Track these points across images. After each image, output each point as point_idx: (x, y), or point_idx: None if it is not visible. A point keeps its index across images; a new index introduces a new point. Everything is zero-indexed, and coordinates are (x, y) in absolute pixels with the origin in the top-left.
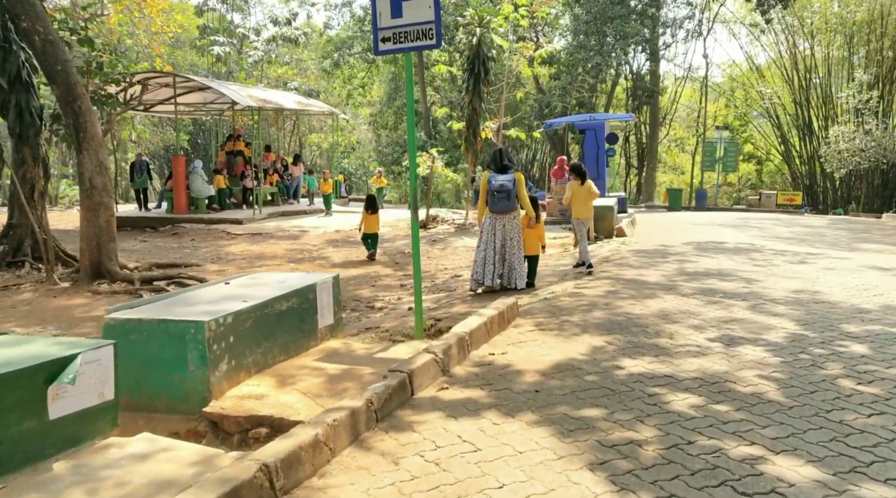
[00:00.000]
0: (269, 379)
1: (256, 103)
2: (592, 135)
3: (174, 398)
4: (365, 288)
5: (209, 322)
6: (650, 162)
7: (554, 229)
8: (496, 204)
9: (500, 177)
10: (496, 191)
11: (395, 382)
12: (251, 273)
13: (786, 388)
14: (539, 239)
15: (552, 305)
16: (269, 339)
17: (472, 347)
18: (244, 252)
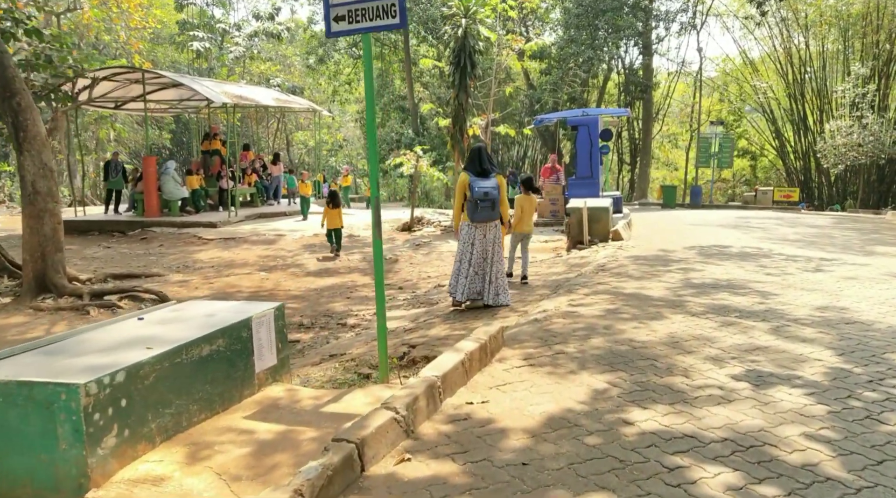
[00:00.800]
0: (178, 450)
1: (231, 100)
2: (585, 131)
3: (42, 487)
4: (339, 301)
5: (87, 385)
6: (644, 158)
7: (545, 232)
8: (479, 213)
9: (483, 183)
10: (480, 199)
11: (338, 459)
12: (175, 305)
13: (844, 455)
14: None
15: (544, 328)
16: (183, 394)
17: (445, 394)
18: (214, 259)
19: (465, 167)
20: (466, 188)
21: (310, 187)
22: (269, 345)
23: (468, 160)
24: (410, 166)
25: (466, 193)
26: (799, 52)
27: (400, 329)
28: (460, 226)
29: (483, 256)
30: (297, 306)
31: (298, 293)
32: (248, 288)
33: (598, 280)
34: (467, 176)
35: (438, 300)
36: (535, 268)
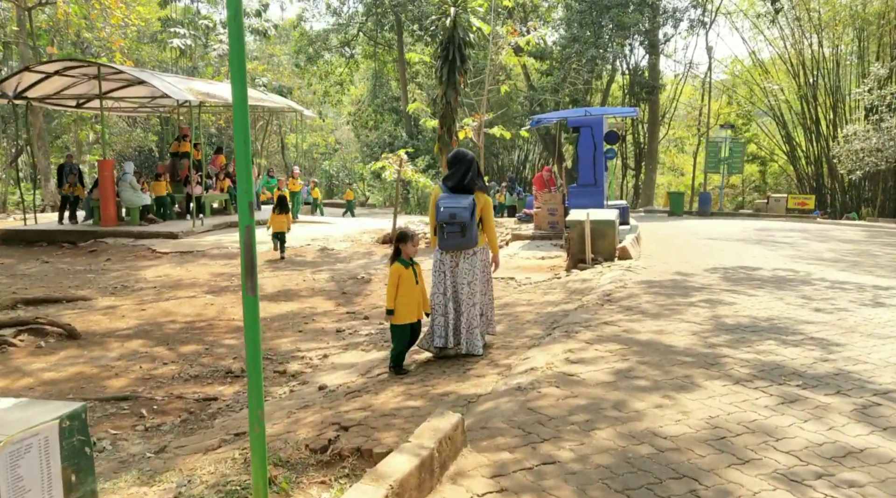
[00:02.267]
0: None
1: (197, 97)
2: (588, 133)
3: None
4: (288, 334)
5: None
6: (649, 163)
7: (543, 246)
8: (444, 240)
9: (451, 200)
10: (445, 222)
11: None
12: None
13: None
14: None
15: (529, 406)
16: None
17: None
18: (160, 278)
19: (444, 178)
20: (434, 206)
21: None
22: (43, 481)
23: (448, 167)
24: (393, 171)
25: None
26: (812, 53)
27: (341, 390)
28: (434, 253)
29: (455, 290)
30: (234, 343)
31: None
32: (185, 317)
33: (604, 317)
34: (439, 188)
35: None
36: (527, 294)
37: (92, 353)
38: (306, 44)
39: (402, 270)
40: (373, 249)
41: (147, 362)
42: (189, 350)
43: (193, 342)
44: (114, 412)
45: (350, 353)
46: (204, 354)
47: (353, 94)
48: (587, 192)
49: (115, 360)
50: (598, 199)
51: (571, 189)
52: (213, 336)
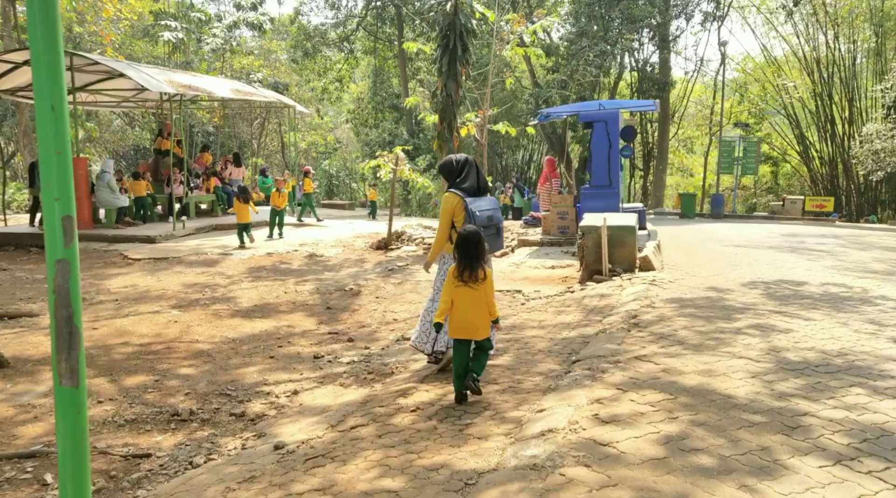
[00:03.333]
0: None
1: (177, 90)
2: (602, 129)
3: None
4: (257, 361)
5: None
6: (659, 163)
7: (553, 254)
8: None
9: (481, 202)
10: (483, 226)
11: None
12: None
13: None
14: (488, 305)
15: None
16: None
17: None
18: (125, 289)
19: (453, 185)
20: (458, 213)
21: (285, 198)
22: None
23: (454, 175)
24: (389, 170)
25: (456, 220)
26: (828, 49)
27: (301, 452)
28: (441, 258)
29: None
30: (191, 373)
31: (208, 346)
32: (141, 338)
33: (635, 348)
34: (457, 197)
35: (395, 367)
36: (538, 313)
37: (16, 386)
38: (303, 38)
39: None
40: (365, 256)
41: None
42: (135, 383)
43: (143, 372)
44: (10, 477)
45: (325, 389)
46: (151, 388)
47: (354, 92)
48: (601, 193)
49: (42, 397)
50: (613, 201)
51: (584, 191)
52: (168, 363)
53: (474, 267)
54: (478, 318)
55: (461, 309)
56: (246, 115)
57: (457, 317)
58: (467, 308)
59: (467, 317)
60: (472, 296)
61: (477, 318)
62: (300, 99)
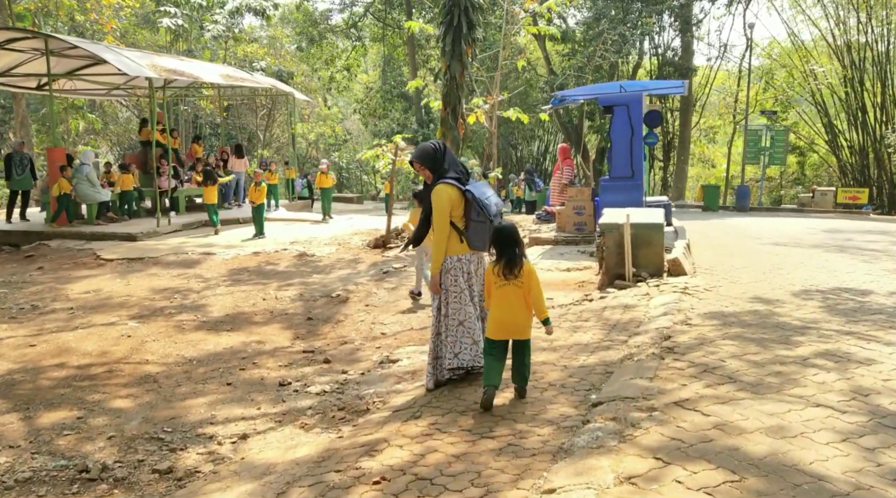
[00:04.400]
0: None
1: (160, 75)
2: (624, 113)
3: None
4: (213, 386)
5: None
6: (681, 154)
7: (568, 254)
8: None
9: (485, 189)
10: (496, 215)
11: None
12: None
13: None
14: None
15: None
16: None
17: None
18: (86, 295)
19: (441, 175)
20: (457, 207)
21: (262, 193)
22: None
23: (438, 163)
24: (388, 162)
25: (454, 214)
26: (860, 33)
27: None
28: (449, 262)
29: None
30: (126, 407)
31: (158, 368)
32: (83, 357)
33: (672, 387)
34: (453, 187)
35: (372, 402)
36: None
37: None
38: (308, 25)
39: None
40: (361, 255)
41: None
42: (52, 420)
43: (67, 405)
44: None
45: (281, 432)
46: (69, 429)
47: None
48: (622, 186)
49: None
50: (635, 195)
51: (603, 183)
52: (102, 392)
53: (517, 261)
54: (522, 316)
55: (504, 309)
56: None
57: (498, 317)
58: (512, 307)
59: (513, 317)
60: (516, 293)
61: (522, 316)
62: (307, 89)
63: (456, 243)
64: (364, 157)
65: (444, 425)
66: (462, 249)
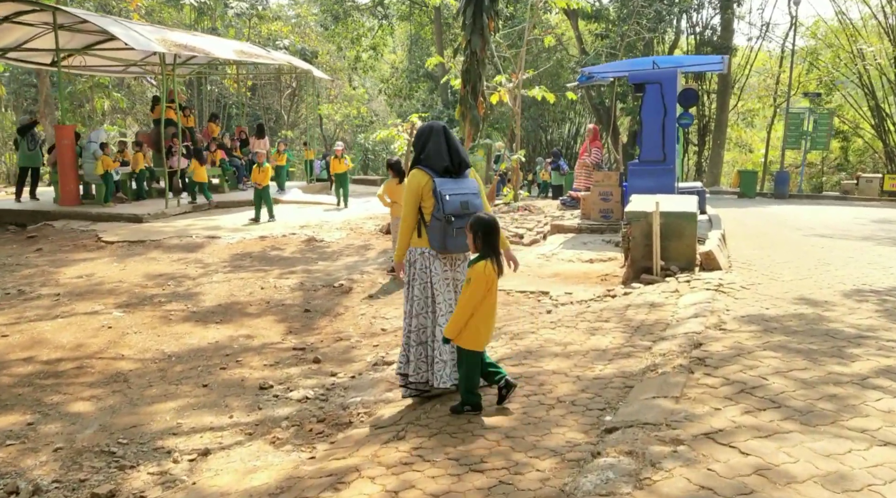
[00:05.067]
0: None
1: (168, 49)
2: (656, 92)
3: None
4: (186, 388)
5: None
6: (717, 137)
7: (592, 243)
8: (453, 238)
9: (455, 184)
10: (455, 215)
11: None
12: None
13: None
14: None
15: None
16: None
17: None
18: (77, 279)
19: (419, 160)
20: (427, 196)
21: (266, 174)
22: None
23: (421, 147)
24: (403, 142)
25: (424, 205)
26: None
27: None
28: (413, 254)
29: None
30: (85, 410)
31: (132, 365)
32: (55, 350)
33: (702, 411)
34: (426, 176)
35: (355, 413)
36: (564, 330)
37: None
38: (333, 2)
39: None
40: (371, 241)
41: None
42: (1, 425)
43: (22, 407)
44: None
45: (247, 448)
46: (15, 437)
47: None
48: (653, 171)
49: None
50: (666, 180)
51: (632, 167)
52: (65, 392)
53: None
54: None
55: (493, 314)
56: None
57: (489, 323)
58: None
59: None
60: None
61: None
62: (332, 68)
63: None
64: (379, 138)
65: (428, 451)
66: (424, 242)
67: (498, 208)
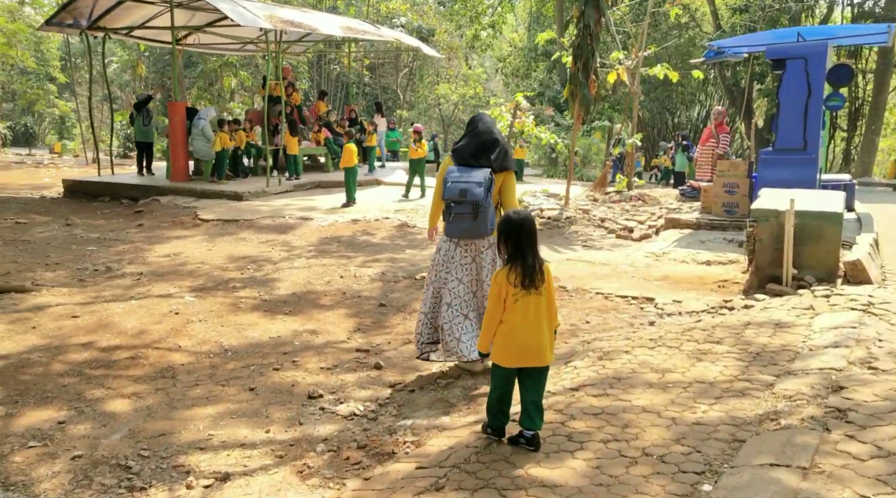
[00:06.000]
0: None
1: (274, 25)
2: (799, 69)
3: None
4: (230, 393)
5: None
6: (872, 122)
7: (712, 242)
8: (452, 223)
9: (461, 174)
10: (454, 201)
11: None
12: None
13: None
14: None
15: None
16: None
17: None
18: (164, 258)
19: (453, 148)
20: (442, 180)
21: (352, 154)
22: None
23: (463, 135)
24: (507, 124)
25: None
26: None
27: None
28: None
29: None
30: (121, 411)
31: (185, 358)
32: (117, 336)
33: (841, 496)
34: (450, 162)
35: (402, 442)
36: (665, 353)
37: None
38: None
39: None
40: None
41: None
42: (31, 422)
43: (60, 401)
44: None
45: (271, 477)
46: (39, 439)
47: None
48: (790, 160)
49: None
50: (807, 172)
51: (763, 156)
52: (109, 386)
53: (535, 264)
54: (546, 334)
55: (526, 328)
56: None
57: (519, 339)
58: (532, 324)
59: (536, 337)
60: (537, 305)
61: (546, 334)
62: (449, 47)
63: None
64: None
65: None
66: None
67: (609, 197)
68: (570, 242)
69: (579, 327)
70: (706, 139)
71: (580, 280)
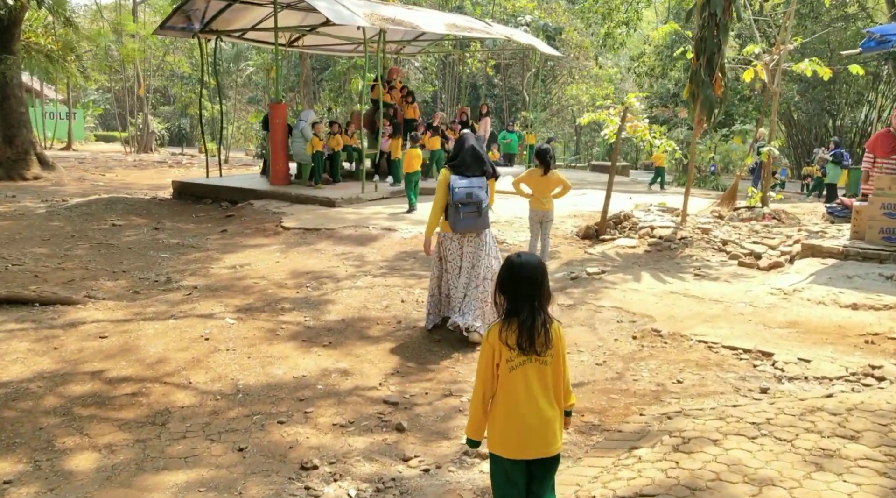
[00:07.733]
0: None
1: (373, 23)
2: None
3: None
4: (214, 455)
5: None
6: None
7: (864, 279)
8: (460, 221)
9: (464, 180)
10: (462, 202)
11: None
12: None
13: None
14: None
15: None
16: None
17: None
18: (227, 270)
19: (448, 159)
20: (446, 187)
21: (415, 159)
22: None
23: (454, 154)
24: (615, 128)
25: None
26: None
27: None
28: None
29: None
30: (84, 468)
31: (190, 398)
32: (132, 365)
33: None
34: (447, 171)
35: None
36: (770, 450)
37: None
38: None
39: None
40: (561, 247)
41: None
42: None
43: (24, 451)
44: None
45: None
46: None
47: (653, 38)
48: None
49: None
50: None
51: None
52: (90, 431)
53: (541, 323)
54: (554, 414)
55: (527, 405)
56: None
57: (519, 421)
58: (534, 400)
59: (540, 417)
60: (540, 375)
61: (553, 414)
62: (578, 46)
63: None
64: (584, 122)
65: None
66: (446, 227)
67: (737, 214)
68: (681, 269)
69: (667, 388)
70: (886, 150)
71: (680, 322)
